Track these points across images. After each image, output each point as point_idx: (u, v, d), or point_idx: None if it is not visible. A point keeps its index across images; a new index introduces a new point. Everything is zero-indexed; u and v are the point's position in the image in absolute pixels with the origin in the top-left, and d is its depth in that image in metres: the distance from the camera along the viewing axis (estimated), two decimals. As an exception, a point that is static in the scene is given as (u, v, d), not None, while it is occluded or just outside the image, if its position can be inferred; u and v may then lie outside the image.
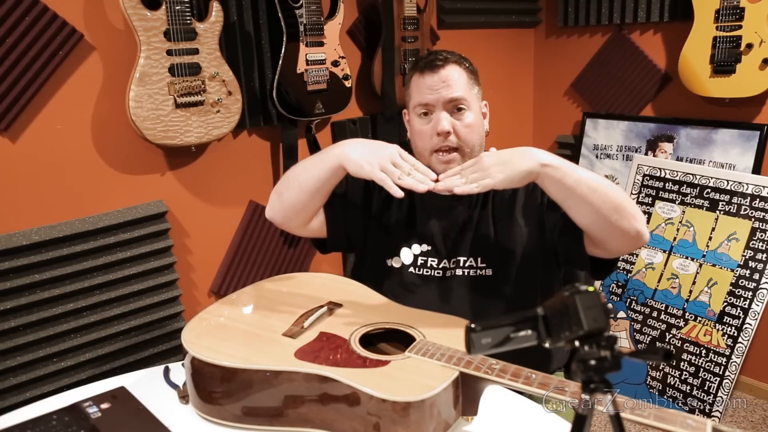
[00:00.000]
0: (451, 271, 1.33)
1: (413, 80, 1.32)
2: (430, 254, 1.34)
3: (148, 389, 1.14)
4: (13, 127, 1.66)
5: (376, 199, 1.40)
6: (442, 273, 1.33)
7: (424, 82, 1.28)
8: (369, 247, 1.41)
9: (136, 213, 1.85)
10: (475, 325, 0.64)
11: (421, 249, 1.35)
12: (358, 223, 1.40)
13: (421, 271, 1.34)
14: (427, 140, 1.28)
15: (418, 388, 0.91)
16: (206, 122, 1.83)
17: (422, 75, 1.29)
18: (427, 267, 1.34)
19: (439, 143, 1.27)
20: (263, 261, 2.22)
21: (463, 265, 1.32)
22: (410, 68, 1.36)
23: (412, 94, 1.32)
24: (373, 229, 1.40)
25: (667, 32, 2.53)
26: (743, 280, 2.27)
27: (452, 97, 1.26)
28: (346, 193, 1.40)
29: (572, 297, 0.59)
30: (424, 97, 1.28)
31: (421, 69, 1.29)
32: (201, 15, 1.83)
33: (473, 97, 1.31)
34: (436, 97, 1.26)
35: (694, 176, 2.43)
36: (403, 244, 1.36)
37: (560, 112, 2.96)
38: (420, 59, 1.33)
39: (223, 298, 1.27)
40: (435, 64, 1.28)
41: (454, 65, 1.29)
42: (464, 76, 1.30)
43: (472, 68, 1.34)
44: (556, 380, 0.89)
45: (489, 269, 1.31)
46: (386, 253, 1.37)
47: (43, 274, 1.69)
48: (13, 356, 1.68)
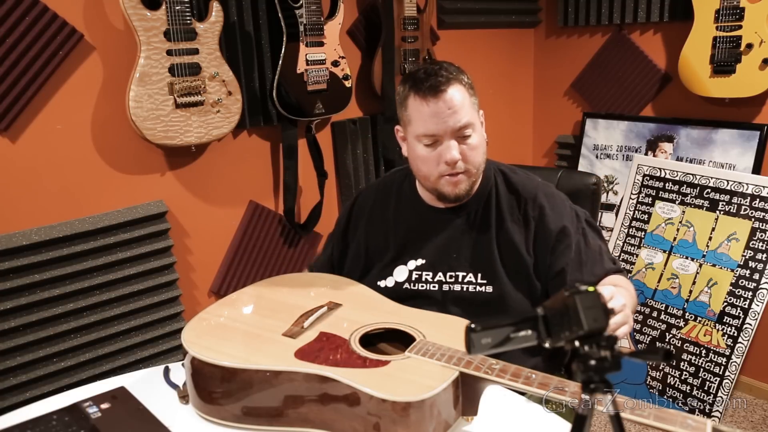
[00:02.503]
0: (448, 286, 1.31)
1: (413, 104, 1.23)
2: (425, 268, 1.33)
3: (148, 389, 1.14)
4: (13, 127, 1.66)
5: (358, 231, 1.42)
6: (438, 287, 1.31)
7: (427, 109, 1.20)
8: (361, 273, 1.42)
9: (136, 213, 1.85)
10: (475, 325, 0.64)
11: (416, 264, 1.34)
12: (350, 258, 1.44)
13: (416, 286, 1.33)
14: (433, 167, 1.24)
15: (418, 388, 0.91)
16: (206, 122, 1.83)
17: (425, 101, 1.20)
18: (422, 281, 1.33)
19: (447, 170, 1.23)
20: (263, 261, 2.22)
21: (461, 281, 1.30)
22: (407, 86, 1.24)
23: (412, 120, 1.24)
24: (363, 258, 1.42)
25: (667, 32, 2.53)
26: (743, 280, 2.26)
27: (460, 126, 1.20)
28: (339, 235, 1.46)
29: (572, 297, 0.59)
30: (429, 127, 1.21)
31: (423, 93, 1.20)
32: (201, 15, 1.83)
33: (476, 115, 1.26)
34: (443, 128, 1.20)
35: (694, 176, 2.43)
36: (398, 264, 1.35)
37: (560, 112, 2.96)
38: (417, 77, 1.22)
39: (223, 298, 1.27)
40: (438, 88, 1.19)
41: (457, 85, 1.21)
42: (466, 94, 1.23)
43: (470, 80, 1.26)
44: (556, 380, 0.89)
45: (489, 286, 1.29)
46: (379, 278, 1.37)
47: (43, 274, 1.69)
48: (13, 356, 1.68)
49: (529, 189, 1.33)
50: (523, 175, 1.37)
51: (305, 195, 2.30)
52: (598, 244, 1.31)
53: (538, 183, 1.36)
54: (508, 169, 1.39)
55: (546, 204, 1.31)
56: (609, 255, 1.33)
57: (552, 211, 1.30)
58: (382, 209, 1.41)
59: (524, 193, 1.32)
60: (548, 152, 3.05)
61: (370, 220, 1.42)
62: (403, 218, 1.38)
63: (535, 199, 1.31)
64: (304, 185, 2.28)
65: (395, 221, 1.39)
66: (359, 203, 1.46)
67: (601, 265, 1.28)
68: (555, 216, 1.30)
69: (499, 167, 1.39)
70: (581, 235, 1.30)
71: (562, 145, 2.96)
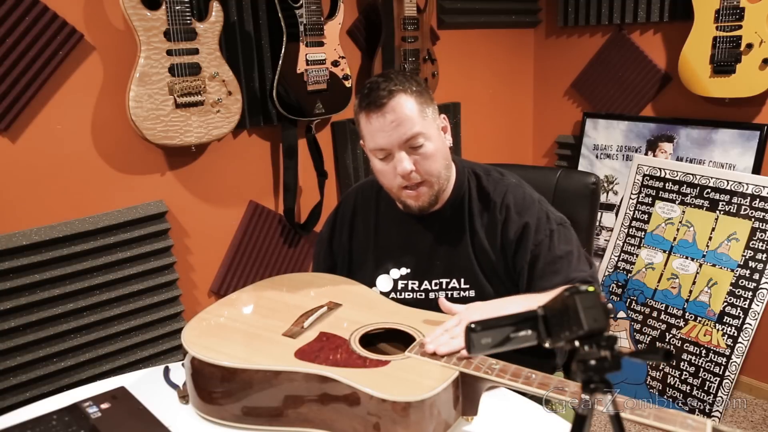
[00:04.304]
0: (434, 294, 1.30)
1: (362, 120, 1.23)
2: (410, 277, 1.33)
3: (148, 389, 1.14)
4: (13, 127, 1.66)
5: (342, 239, 1.42)
6: (424, 296, 1.31)
7: (372, 125, 1.19)
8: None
9: (136, 213, 1.85)
10: (475, 325, 0.64)
11: (400, 273, 1.34)
12: (339, 267, 1.43)
13: (402, 295, 1.32)
14: (392, 179, 1.24)
15: (418, 388, 0.91)
16: (206, 122, 1.83)
17: (369, 116, 1.20)
18: (408, 290, 1.32)
19: (404, 182, 1.22)
20: (263, 261, 2.22)
21: (446, 287, 1.30)
22: (357, 101, 1.25)
23: (364, 136, 1.25)
24: (347, 265, 1.41)
25: (667, 32, 2.53)
26: (743, 280, 2.26)
27: (407, 137, 1.18)
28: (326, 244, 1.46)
29: (572, 297, 0.59)
30: (377, 142, 1.20)
31: (366, 108, 1.19)
32: (201, 15, 1.83)
33: (428, 123, 1.22)
34: (390, 141, 1.19)
35: (694, 176, 2.43)
36: (380, 272, 1.35)
37: (560, 112, 2.96)
38: (362, 93, 1.22)
39: (223, 298, 1.27)
40: (379, 101, 1.17)
41: (400, 95, 1.18)
42: (413, 103, 1.19)
43: (420, 88, 1.22)
44: (556, 380, 0.89)
45: (472, 290, 1.29)
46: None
47: (43, 274, 1.69)
48: (13, 356, 1.68)
49: (499, 191, 1.30)
50: (496, 177, 1.34)
51: (305, 195, 2.30)
52: (565, 249, 1.25)
53: (509, 184, 1.32)
54: (483, 171, 1.35)
55: (512, 205, 1.28)
56: (579, 262, 1.26)
57: (516, 213, 1.27)
58: (364, 216, 1.41)
59: (494, 196, 1.30)
60: (548, 152, 3.05)
61: (352, 227, 1.42)
62: (382, 225, 1.38)
63: (503, 201, 1.29)
64: (304, 185, 2.28)
65: (375, 229, 1.38)
66: (341, 212, 1.45)
67: (563, 273, 1.22)
68: (518, 216, 1.27)
69: (474, 170, 1.35)
70: (547, 237, 1.25)
71: (562, 145, 2.96)
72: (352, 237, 1.41)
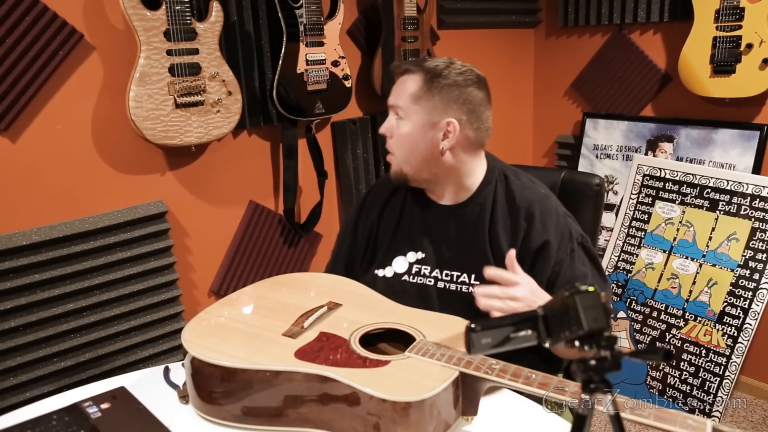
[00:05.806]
0: (444, 284, 1.31)
1: None
2: (424, 262, 1.34)
3: (148, 389, 1.14)
4: (13, 127, 1.66)
5: (368, 219, 1.43)
6: (434, 282, 1.32)
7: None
8: (362, 262, 1.44)
9: (136, 213, 1.85)
10: (475, 325, 0.64)
11: (416, 257, 1.35)
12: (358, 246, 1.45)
13: (415, 279, 1.33)
14: None
15: (418, 388, 0.91)
16: (206, 122, 1.83)
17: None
18: (420, 275, 1.33)
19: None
20: (263, 261, 2.22)
21: (456, 280, 1.30)
22: None
23: None
24: (366, 246, 1.43)
25: (667, 32, 2.53)
26: (743, 280, 2.26)
27: (391, 103, 1.29)
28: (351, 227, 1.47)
29: (572, 297, 0.59)
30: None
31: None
32: (201, 15, 1.83)
33: (415, 109, 1.25)
34: (389, 99, 1.31)
35: (694, 176, 2.43)
36: (397, 254, 1.36)
37: (560, 112, 2.96)
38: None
39: (223, 298, 1.27)
40: (397, 70, 1.32)
41: (414, 73, 1.27)
42: (418, 85, 1.25)
43: (438, 82, 1.24)
44: (556, 380, 0.89)
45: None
46: (378, 266, 1.38)
47: (43, 274, 1.69)
48: (13, 356, 1.68)
49: (526, 198, 1.30)
50: (526, 182, 1.34)
51: (305, 195, 2.30)
52: (584, 271, 1.26)
53: (539, 194, 1.31)
54: (513, 173, 1.36)
55: (537, 216, 1.27)
56: (594, 281, 1.27)
57: (541, 224, 1.27)
58: (397, 198, 1.43)
59: (519, 201, 1.30)
60: (548, 152, 3.05)
61: (384, 209, 1.43)
62: (408, 209, 1.39)
63: (528, 209, 1.28)
64: (304, 185, 2.28)
65: (401, 211, 1.40)
66: (375, 192, 1.47)
67: None
68: (542, 229, 1.26)
69: (504, 170, 1.36)
70: (567, 256, 1.25)
71: (562, 145, 2.96)
72: (382, 216, 1.42)
